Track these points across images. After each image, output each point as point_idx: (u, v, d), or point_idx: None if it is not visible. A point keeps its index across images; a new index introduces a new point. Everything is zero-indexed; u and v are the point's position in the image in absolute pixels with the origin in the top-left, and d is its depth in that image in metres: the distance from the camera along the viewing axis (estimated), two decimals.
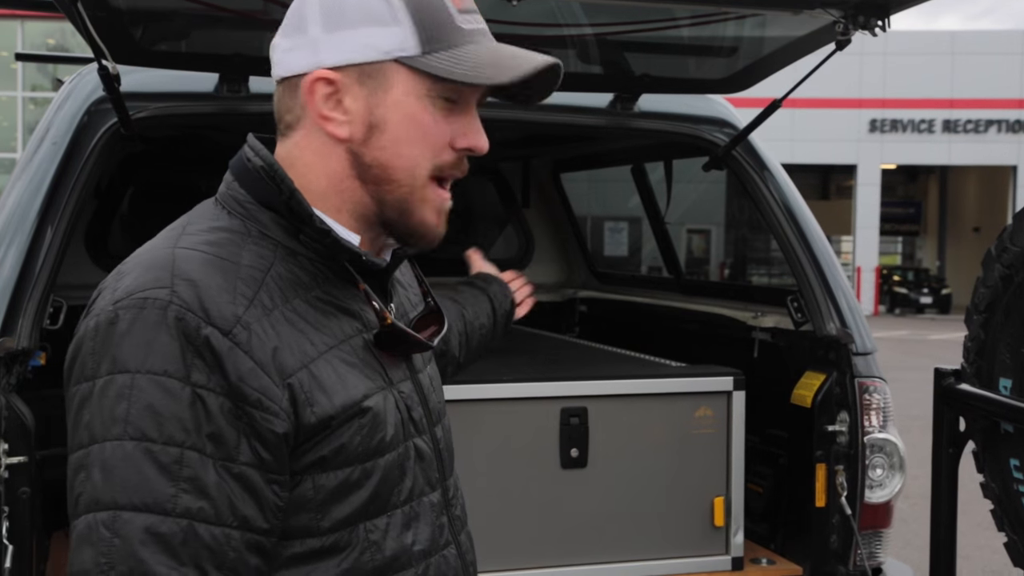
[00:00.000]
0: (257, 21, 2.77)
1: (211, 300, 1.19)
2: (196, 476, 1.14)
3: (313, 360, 1.23)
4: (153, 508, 1.13)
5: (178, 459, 1.14)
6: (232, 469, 1.16)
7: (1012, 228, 2.43)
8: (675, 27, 2.93)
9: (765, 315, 3.52)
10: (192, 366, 1.15)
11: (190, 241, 1.26)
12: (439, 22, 1.28)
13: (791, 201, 3.26)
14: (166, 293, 1.18)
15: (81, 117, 2.82)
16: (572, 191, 5.27)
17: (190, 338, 1.16)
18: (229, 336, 1.17)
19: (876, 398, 3.06)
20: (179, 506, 1.13)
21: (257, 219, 1.30)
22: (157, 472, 1.13)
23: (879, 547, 3.11)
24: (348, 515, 1.25)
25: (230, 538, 1.15)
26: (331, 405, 1.23)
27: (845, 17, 2.60)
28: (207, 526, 1.14)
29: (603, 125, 3.32)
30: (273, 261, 1.27)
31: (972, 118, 29.61)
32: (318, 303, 1.29)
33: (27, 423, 2.44)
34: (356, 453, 1.25)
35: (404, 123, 1.29)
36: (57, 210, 2.67)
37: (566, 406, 3.03)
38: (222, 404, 1.16)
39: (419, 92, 1.28)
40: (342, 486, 1.24)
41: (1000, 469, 2.52)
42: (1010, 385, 2.44)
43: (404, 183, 1.30)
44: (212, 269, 1.22)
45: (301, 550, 1.23)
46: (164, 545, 1.12)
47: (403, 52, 1.27)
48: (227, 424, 1.16)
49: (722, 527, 3.14)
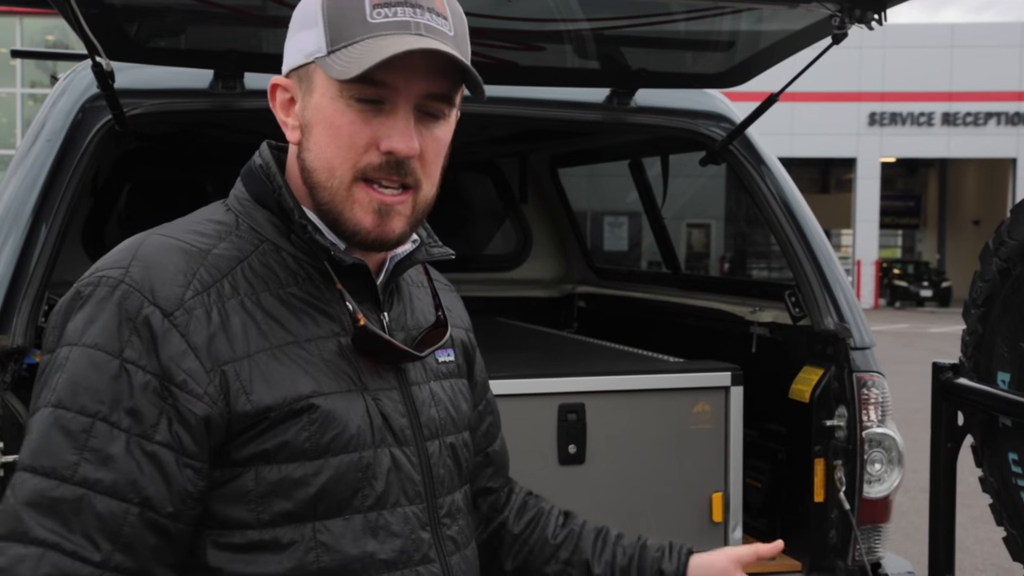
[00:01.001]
0: (251, 17, 2.76)
1: (161, 282, 1.22)
2: (101, 448, 1.16)
3: (262, 351, 1.25)
4: (50, 473, 1.15)
5: (87, 429, 1.16)
6: (145, 447, 1.18)
7: (1010, 222, 2.42)
8: (671, 21, 2.92)
9: (763, 310, 3.52)
10: (128, 342, 1.19)
11: (171, 229, 1.31)
12: (347, 19, 1.27)
13: (788, 196, 3.25)
14: (120, 273, 1.23)
15: (76, 114, 2.80)
16: (570, 186, 5.26)
17: (130, 316, 1.20)
18: (169, 317, 1.21)
19: (874, 392, 3.05)
20: (78, 474, 1.15)
21: (251, 215, 1.33)
22: (63, 439, 1.16)
23: (878, 542, 3.10)
24: (291, 511, 1.25)
25: (128, 513, 1.16)
26: (271, 396, 1.24)
27: (841, 11, 2.59)
28: (104, 498, 1.15)
29: (600, 120, 3.31)
30: (251, 254, 1.30)
31: (971, 111, 29.59)
32: (293, 300, 1.30)
33: (23, 421, 2.43)
34: (302, 450, 1.25)
35: (322, 125, 1.29)
36: (52, 207, 2.66)
37: (564, 402, 3.02)
38: (148, 382, 1.19)
39: (332, 93, 1.28)
40: (284, 481, 1.24)
41: (999, 463, 2.51)
42: (1008, 379, 2.44)
43: (325, 185, 1.30)
44: (176, 254, 1.26)
45: (241, 541, 1.24)
46: (51, 510, 1.14)
47: (318, 53, 1.28)
48: (149, 402, 1.18)
49: (720, 522, 3.14)
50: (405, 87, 1.27)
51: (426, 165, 1.32)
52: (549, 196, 5.22)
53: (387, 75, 1.25)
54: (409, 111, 1.29)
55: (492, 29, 2.82)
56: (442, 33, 1.29)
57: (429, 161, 1.32)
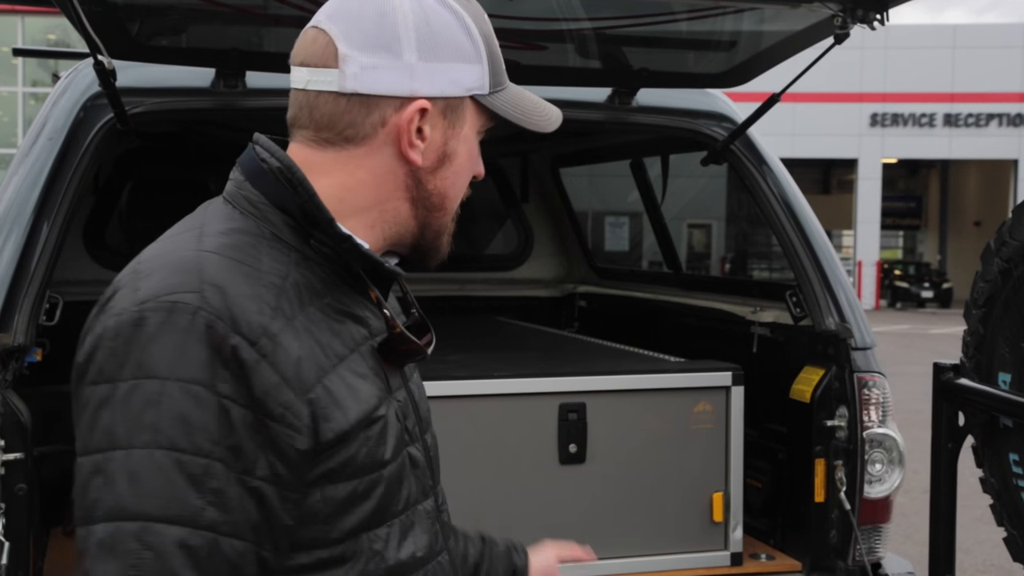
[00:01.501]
0: (253, 16, 2.76)
1: (239, 308, 1.16)
2: (221, 488, 1.12)
3: (327, 373, 1.21)
4: (184, 521, 1.10)
5: (206, 470, 1.12)
6: (248, 483, 1.14)
7: (1011, 222, 2.42)
8: (673, 21, 2.92)
9: (764, 310, 3.52)
10: (218, 376, 1.13)
11: (212, 244, 1.22)
12: (499, 61, 1.34)
13: (790, 196, 3.25)
14: (195, 298, 1.15)
15: (77, 112, 2.81)
16: (571, 186, 5.26)
17: (218, 347, 1.13)
18: (256, 347, 1.15)
19: (875, 393, 3.05)
20: (205, 519, 1.11)
21: (270, 220, 1.28)
22: (186, 483, 1.11)
23: (878, 542, 3.10)
24: (354, 526, 1.24)
25: (247, 551, 1.14)
26: (346, 420, 1.21)
27: (843, 11, 2.59)
28: (229, 539, 1.12)
29: (601, 120, 3.31)
30: (289, 266, 1.25)
31: (973, 112, 29.58)
32: (329, 310, 1.26)
33: (23, 419, 2.43)
34: (362, 465, 1.24)
35: (466, 156, 1.36)
36: (53, 206, 2.66)
37: (565, 402, 3.02)
38: (244, 416, 1.13)
39: (476, 127, 1.35)
40: (350, 497, 1.23)
41: (999, 464, 2.52)
42: (1009, 380, 2.44)
43: (451, 211, 1.37)
44: (237, 275, 1.19)
45: (308, 561, 1.21)
46: (194, 559, 1.10)
47: (479, 90, 1.32)
48: (247, 437, 1.14)
49: (721, 522, 3.14)
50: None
51: None
52: (550, 196, 5.22)
53: None
54: None
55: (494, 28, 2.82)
56: None
57: None
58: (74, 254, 4.11)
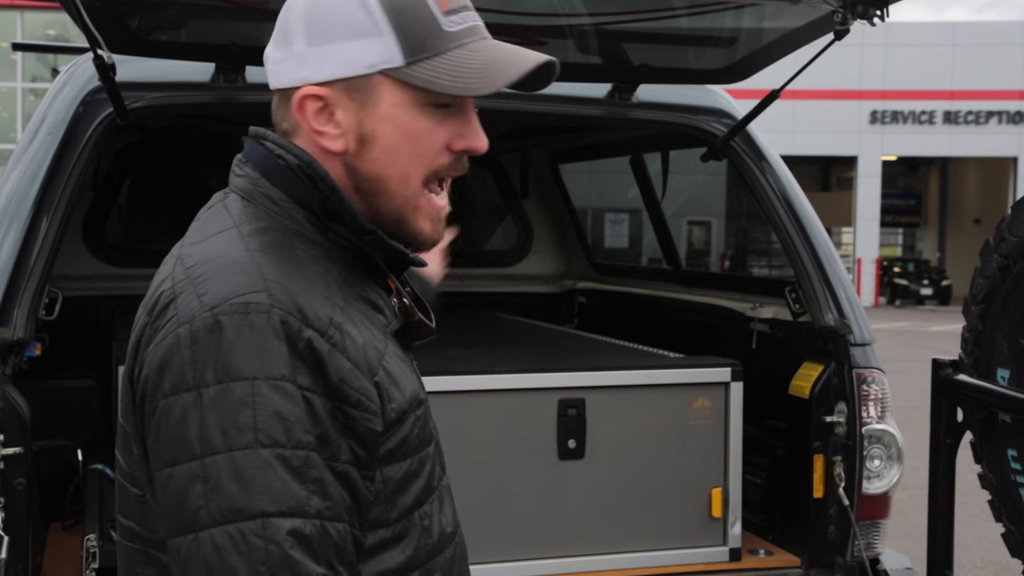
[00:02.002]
0: (253, 11, 2.76)
1: (305, 303, 1.19)
2: (321, 477, 1.15)
3: (383, 355, 1.25)
4: (296, 512, 1.13)
5: (306, 462, 1.14)
6: (336, 468, 1.17)
7: (1010, 219, 2.42)
8: (673, 17, 2.92)
9: (763, 306, 3.52)
10: (297, 369, 1.16)
11: (256, 243, 1.24)
12: (423, 29, 1.26)
13: (789, 192, 3.25)
14: (265, 297, 1.17)
15: (77, 107, 2.81)
16: (571, 182, 5.26)
17: (294, 341, 1.16)
18: (326, 338, 1.18)
19: (874, 389, 3.06)
20: (312, 507, 1.14)
21: (293, 217, 1.29)
22: (291, 476, 1.13)
23: (877, 538, 3.11)
24: (409, 504, 1.28)
25: (347, 533, 1.18)
26: (403, 399, 1.25)
27: (843, 7, 2.59)
28: (333, 524, 1.16)
29: (601, 116, 3.31)
30: (324, 261, 1.27)
31: (973, 109, 29.56)
32: (359, 301, 1.28)
33: (23, 414, 2.44)
34: (414, 444, 1.28)
35: (395, 135, 1.28)
36: (53, 200, 2.66)
37: (564, 397, 3.02)
38: (324, 405, 1.16)
39: (407, 103, 1.27)
40: (406, 476, 1.26)
41: (998, 460, 2.52)
42: (1008, 376, 2.44)
43: (397, 194, 1.30)
44: (292, 272, 1.21)
45: (373, 541, 1.24)
46: (308, 547, 1.13)
47: (388, 64, 1.26)
48: (330, 425, 1.17)
49: (720, 518, 3.14)
50: None
51: None
52: (550, 192, 5.22)
53: None
54: (472, 108, 1.32)
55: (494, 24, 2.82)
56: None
57: None
58: (73, 249, 4.11)
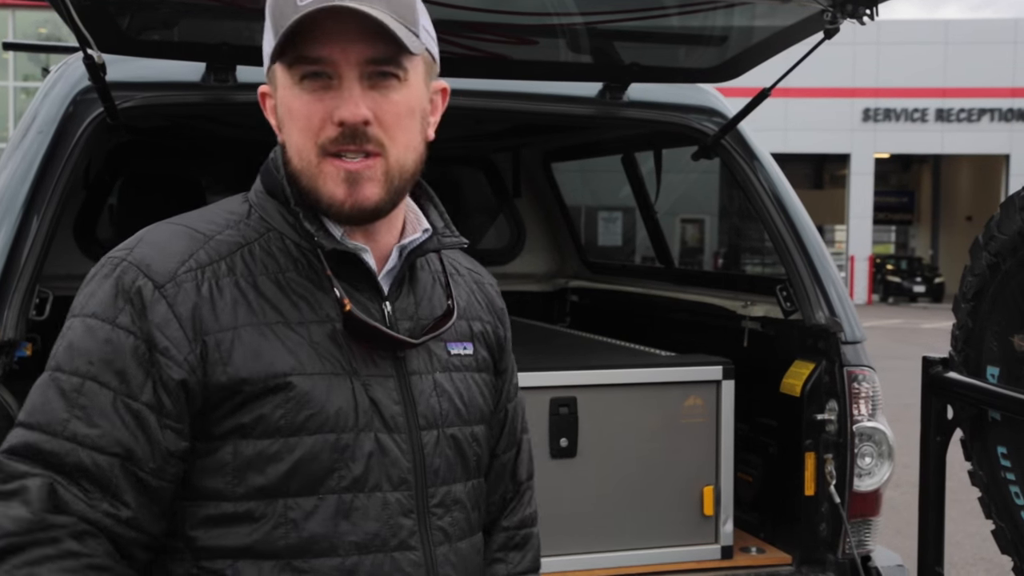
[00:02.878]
0: (244, 10, 2.75)
1: (157, 259, 1.32)
2: (89, 405, 1.26)
3: (248, 325, 1.31)
4: (44, 428, 1.26)
5: (78, 388, 1.27)
6: (131, 405, 1.27)
7: (999, 216, 2.43)
8: (664, 16, 2.92)
9: (755, 304, 3.52)
10: (121, 310, 1.29)
11: (184, 218, 1.41)
12: (283, 11, 1.32)
13: (780, 190, 3.25)
14: (124, 253, 1.35)
15: (67, 106, 2.80)
16: (563, 181, 5.26)
17: (125, 287, 1.30)
18: (160, 289, 1.30)
19: (865, 387, 3.06)
20: (67, 430, 1.26)
21: (263, 206, 1.41)
22: (57, 397, 1.27)
23: (868, 535, 3.11)
24: (263, 486, 1.30)
25: (112, 466, 1.26)
26: (247, 370, 1.30)
27: (833, 6, 2.59)
28: (91, 451, 1.25)
29: (592, 115, 3.31)
30: (254, 241, 1.37)
31: (965, 107, 29.63)
32: (291, 284, 1.36)
33: (13, 413, 2.43)
34: (277, 427, 1.30)
35: (288, 115, 1.36)
36: (43, 200, 2.65)
37: (555, 396, 3.03)
38: (137, 346, 1.28)
39: (288, 82, 1.35)
40: (259, 456, 1.30)
41: (988, 457, 2.53)
42: (997, 373, 2.45)
43: (299, 169, 1.36)
44: (179, 237, 1.36)
45: (215, 512, 1.30)
46: (43, 461, 1.25)
47: (269, 47, 1.36)
48: (137, 365, 1.28)
49: (712, 516, 3.15)
50: (343, 57, 1.31)
51: (387, 129, 1.34)
52: (542, 190, 5.22)
53: (321, 49, 1.30)
54: (353, 80, 1.32)
55: (485, 23, 2.82)
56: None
57: (390, 125, 1.34)
58: (64, 248, 4.10)
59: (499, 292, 1.66)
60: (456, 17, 2.64)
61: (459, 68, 2.85)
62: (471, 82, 2.95)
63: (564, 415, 3.03)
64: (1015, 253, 2.37)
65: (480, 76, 3.00)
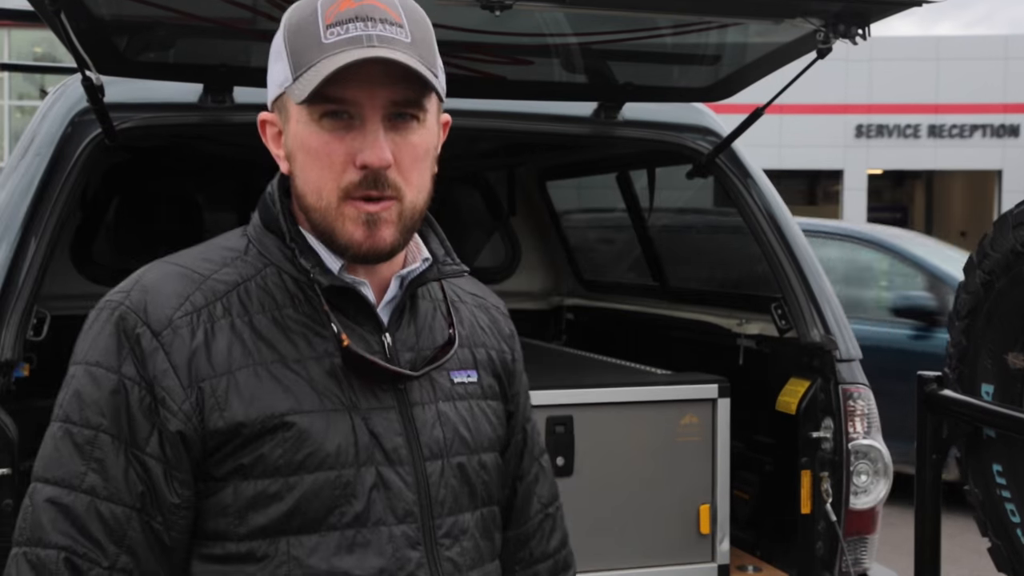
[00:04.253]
0: (241, 32, 2.77)
1: (154, 304, 1.31)
2: (104, 458, 1.26)
3: (243, 368, 1.30)
4: (63, 482, 1.26)
5: (91, 440, 1.26)
6: (139, 457, 1.27)
7: (992, 234, 2.45)
8: (658, 36, 2.94)
9: (750, 322, 3.53)
10: (125, 359, 1.29)
11: (180, 257, 1.39)
12: (305, 44, 1.30)
13: (774, 208, 3.27)
14: (122, 297, 1.33)
15: (65, 127, 2.81)
16: (559, 199, 5.27)
17: (127, 335, 1.29)
18: (158, 337, 1.29)
19: (860, 404, 3.07)
20: (85, 483, 1.25)
21: (261, 241, 1.39)
22: (73, 451, 1.27)
23: (864, 553, 3.12)
24: (265, 525, 1.29)
25: (129, 517, 1.26)
26: (244, 413, 1.29)
27: (825, 26, 2.61)
28: (108, 504, 1.25)
29: (587, 134, 3.33)
30: (251, 278, 1.35)
31: (957, 123, 29.73)
32: (288, 321, 1.34)
33: (10, 434, 2.44)
34: (276, 466, 1.29)
35: (302, 151, 1.34)
36: (41, 221, 2.66)
37: (552, 414, 3.03)
38: (142, 397, 1.28)
39: (304, 118, 1.32)
40: (260, 496, 1.29)
41: (983, 474, 2.53)
42: (992, 391, 2.46)
43: (316, 207, 1.34)
44: (174, 279, 1.34)
45: (220, 552, 1.30)
46: (66, 515, 1.25)
47: (287, 83, 1.32)
48: (143, 416, 1.27)
49: (708, 534, 3.15)
50: (368, 99, 1.30)
51: (404, 172, 1.33)
52: (538, 209, 5.23)
53: (345, 90, 1.28)
54: (377, 122, 1.31)
55: (481, 44, 2.84)
56: (397, 41, 1.30)
57: (407, 168, 1.34)
58: (62, 269, 4.10)
59: (507, 315, 1.63)
60: (452, 38, 2.66)
61: (455, 88, 2.85)
62: (467, 102, 2.96)
63: (560, 434, 3.03)
64: (1008, 271, 2.38)
65: (476, 96, 3.02)
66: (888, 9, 2.60)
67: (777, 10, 2.61)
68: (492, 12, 2.42)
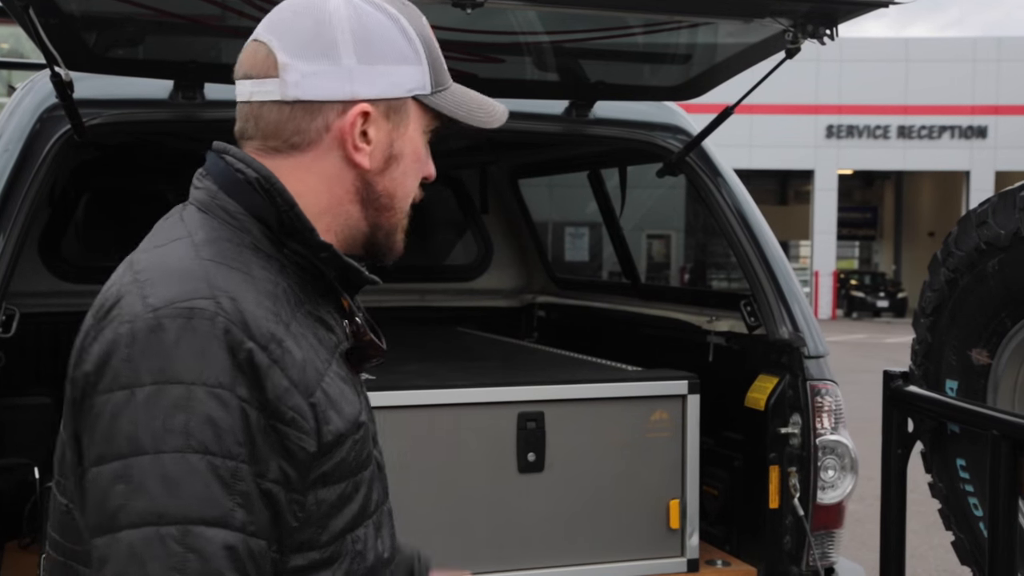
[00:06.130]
0: (212, 28, 2.77)
1: (250, 315, 1.18)
2: (247, 491, 1.14)
3: (323, 376, 1.24)
4: (224, 523, 1.12)
5: (234, 473, 1.14)
6: (262, 485, 1.16)
7: (956, 233, 2.48)
8: (629, 35, 2.96)
9: (719, 319, 3.56)
10: (237, 380, 1.15)
11: (208, 252, 1.24)
12: (440, 63, 1.37)
13: (744, 207, 3.30)
14: (211, 304, 1.17)
15: (34, 124, 2.80)
16: (530, 197, 5.29)
17: (235, 351, 1.15)
18: (267, 352, 1.17)
19: (828, 400, 3.11)
20: (236, 520, 1.13)
21: (249, 231, 1.29)
22: (220, 486, 1.13)
23: (831, 547, 3.15)
24: (342, 527, 1.27)
25: (266, 553, 1.17)
26: (341, 422, 1.24)
27: (794, 26, 2.64)
28: (255, 540, 1.15)
29: (559, 132, 3.35)
30: (276, 274, 1.27)
31: (926, 124, 30.02)
32: (310, 318, 1.29)
33: None
34: (350, 467, 1.27)
35: (412, 156, 1.38)
36: (9, 218, 2.64)
37: (523, 410, 3.04)
38: (259, 420, 1.16)
39: (422, 127, 1.38)
40: (340, 499, 1.26)
41: (947, 469, 2.57)
42: (956, 387, 2.50)
43: (401, 211, 1.38)
44: (241, 283, 1.21)
45: (303, 563, 1.24)
46: (235, 559, 1.13)
47: (421, 91, 1.35)
48: (262, 440, 1.16)
49: (678, 529, 3.17)
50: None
51: None
52: (509, 207, 5.25)
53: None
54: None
55: (452, 41, 2.85)
56: None
57: None
58: (30, 266, 4.07)
59: None
60: None
61: None
62: None
63: (531, 430, 3.04)
64: (972, 269, 2.42)
65: None
66: (856, 10, 2.64)
67: (746, 10, 2.64)
68: (464, 10, 2.43)
